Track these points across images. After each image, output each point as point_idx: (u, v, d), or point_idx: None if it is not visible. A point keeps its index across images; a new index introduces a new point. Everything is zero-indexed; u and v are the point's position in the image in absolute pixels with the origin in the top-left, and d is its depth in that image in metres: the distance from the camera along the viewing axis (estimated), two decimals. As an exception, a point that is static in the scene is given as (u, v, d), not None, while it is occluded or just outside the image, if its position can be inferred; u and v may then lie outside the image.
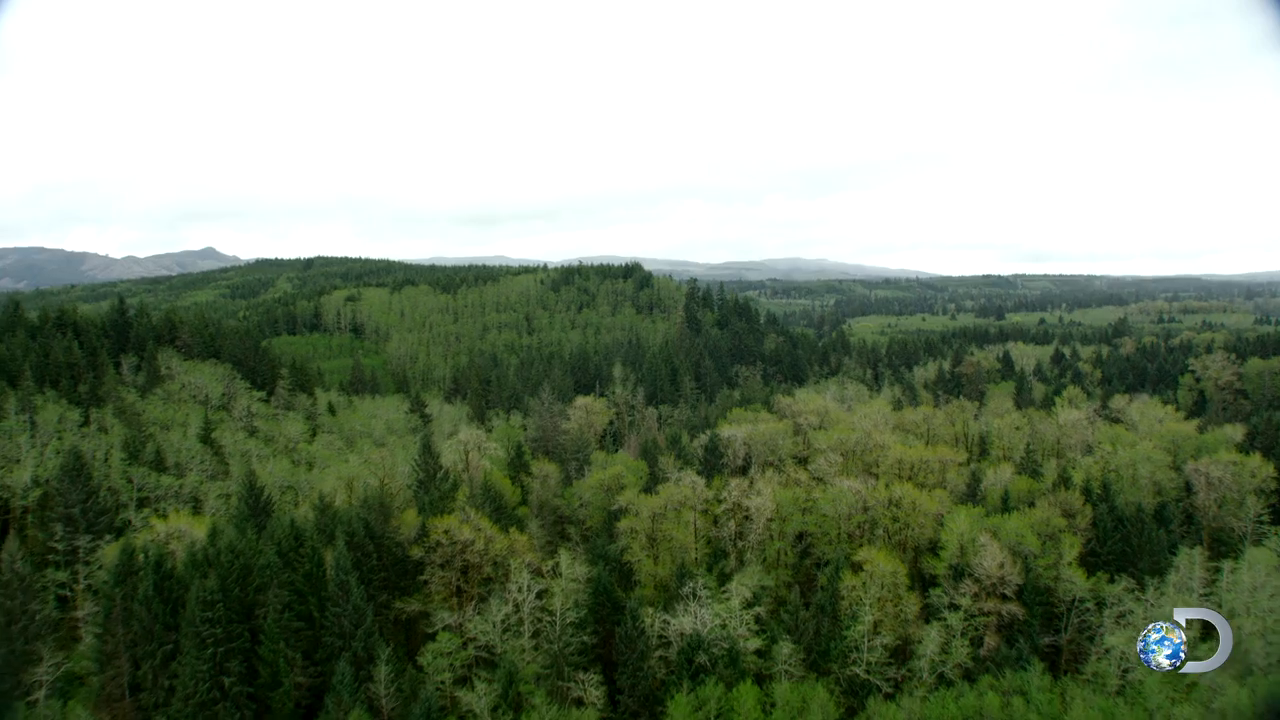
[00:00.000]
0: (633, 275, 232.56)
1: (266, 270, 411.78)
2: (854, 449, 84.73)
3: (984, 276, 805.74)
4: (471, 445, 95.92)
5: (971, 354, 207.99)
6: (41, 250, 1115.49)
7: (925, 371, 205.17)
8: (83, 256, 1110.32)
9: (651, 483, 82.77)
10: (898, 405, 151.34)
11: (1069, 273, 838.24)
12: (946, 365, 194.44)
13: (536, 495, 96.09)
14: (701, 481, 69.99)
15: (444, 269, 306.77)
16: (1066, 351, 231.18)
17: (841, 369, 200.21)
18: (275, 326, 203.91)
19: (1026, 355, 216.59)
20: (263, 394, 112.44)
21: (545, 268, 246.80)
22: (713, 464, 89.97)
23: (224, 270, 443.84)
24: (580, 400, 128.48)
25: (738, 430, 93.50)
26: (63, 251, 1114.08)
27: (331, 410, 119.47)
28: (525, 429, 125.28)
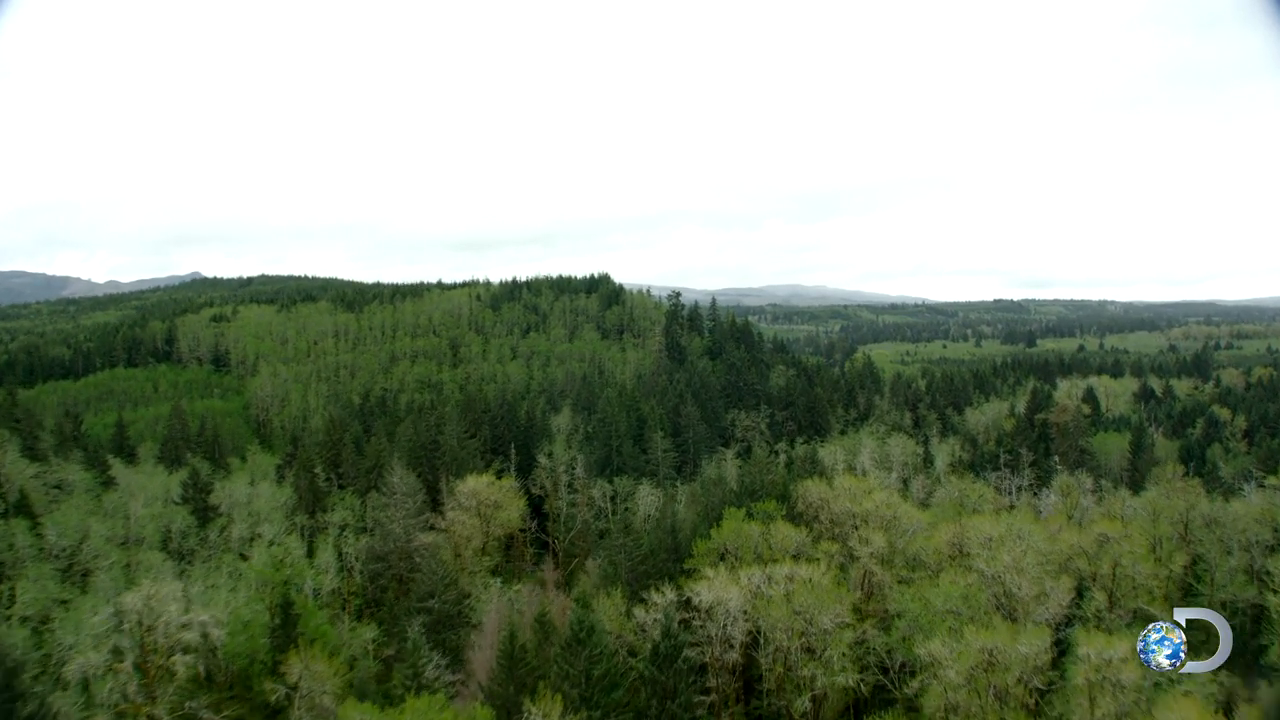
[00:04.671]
0: (598, 289, 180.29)
1: (198, 289, 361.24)
2: (1022, 678, 33.57)
3: (994, 301, 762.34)
4: (149, 621, 44.42)
5: (1045, 391, 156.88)
6: (22, 274, 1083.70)
7: (982, 415, 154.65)
8: (64, 280, 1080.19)
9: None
10: (963, 467, 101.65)
11: (1077, 298, 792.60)
12: (1019, 407, 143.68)
13: (296, 728, 44.52)
14: None
15: (348, 282, 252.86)
16: (1156, 387, 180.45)
17: (873, 411, 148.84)
18: (112, 356, 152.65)
19: (1112, 392, 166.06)
20: None
21: (485, 282, 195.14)
22: (672, 687, 38.57)
23: (153, 290, 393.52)
24: (469, 482, 76.22)
25: (730, 591, 42.43)
26: (44, 275, 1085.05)
27: (21, 506, 67.74)
28: (371, 532, 73.35)
